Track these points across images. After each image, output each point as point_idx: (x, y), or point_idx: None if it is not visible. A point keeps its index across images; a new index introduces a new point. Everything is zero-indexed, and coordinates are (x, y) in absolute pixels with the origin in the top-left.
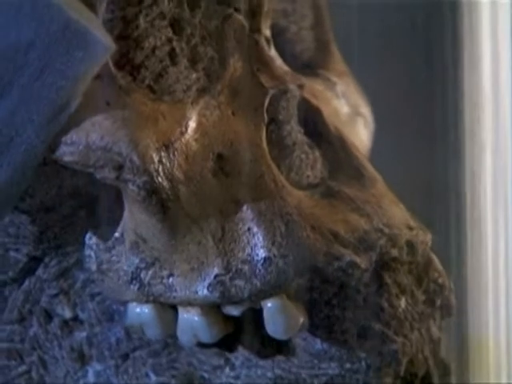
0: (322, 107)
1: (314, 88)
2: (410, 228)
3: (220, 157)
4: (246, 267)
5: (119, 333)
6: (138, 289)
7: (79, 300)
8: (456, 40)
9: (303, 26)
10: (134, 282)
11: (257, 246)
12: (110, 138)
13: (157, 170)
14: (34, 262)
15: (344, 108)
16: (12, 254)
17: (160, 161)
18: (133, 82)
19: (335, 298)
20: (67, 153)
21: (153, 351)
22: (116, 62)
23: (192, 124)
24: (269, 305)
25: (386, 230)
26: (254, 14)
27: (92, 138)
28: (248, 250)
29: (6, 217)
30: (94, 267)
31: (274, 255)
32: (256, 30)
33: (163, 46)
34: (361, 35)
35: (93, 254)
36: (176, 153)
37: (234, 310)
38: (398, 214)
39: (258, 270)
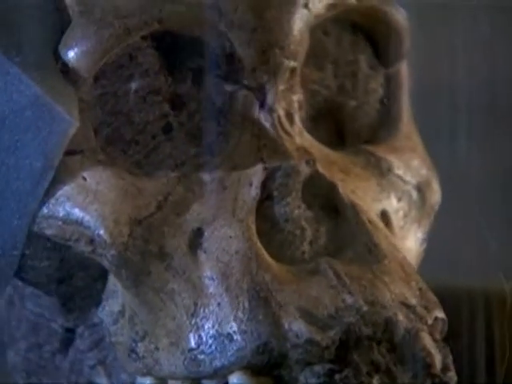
0: (344, 182)
1: (349, 163)
2: (407, 306)
3: (200, 232)
4: (214, 342)
5: None
6: (135, 361)
7: (114, 371)
8: None
9: (367, 101)
10: (133, 354)
11: (223, 321)
12: (81, 212)
13: (126, 244)
14: (70, 332)
15: (393, 184)
16: (53, 325)
17: (130, 235)
18: (120, 157)
19: (302, 375)
20: (46, 226)
21: None
22: (107, 136)
23: (174, 199)
24: (234, 380)
25: (364, 308)
26: (265, 90)
27: (66, 212)
28: (216, 326)
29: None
30: (107, 339)
31: (235, 331)
32: (267, 106)
33: (156, 122)
34: None
35: (104, 326)
36: (150, 227)
37: None
38: (394, 291)
39: (221, 346)
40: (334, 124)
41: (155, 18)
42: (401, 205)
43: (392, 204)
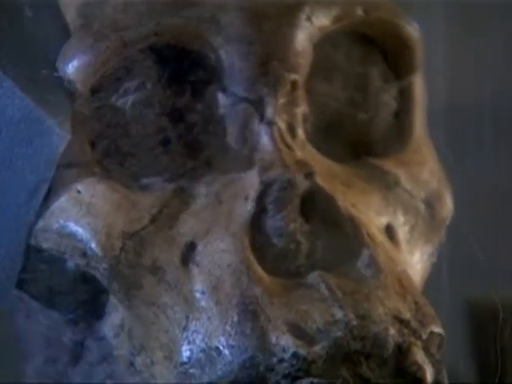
0: (345, 196)
1: (353, 176)
2: (400, 320)
3: (192, 245)
4: (204, 357)
5: None
6: (133, 375)
7: None
8: None
9: (379, 114)
10: (132, 368)
11: (212, 335)
12: (75, 225)
13: (118, 258)
14: (79, 345)
15: (400, 198)
16: (63, 338)
17: (122, 248)
18: (117, 169)
19: None
20: (43, 240)
21: None
22: (104, 149)
23: (168, 212)
24: None
25: (354, 322)
26: (264, 103)
27: (60, 224)
28: (206, 340)
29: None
30: (110, 354)
31: (223, 345)
32: (267, 119)
33: (154, 135)
34: None
35: (107, 339)
36: (143, 241)
37: None
38: (388, 305)
39: (210, 360)
40: (345, 136)
41: (152, 31)
42: (407, 219)
43: (398, 218)
